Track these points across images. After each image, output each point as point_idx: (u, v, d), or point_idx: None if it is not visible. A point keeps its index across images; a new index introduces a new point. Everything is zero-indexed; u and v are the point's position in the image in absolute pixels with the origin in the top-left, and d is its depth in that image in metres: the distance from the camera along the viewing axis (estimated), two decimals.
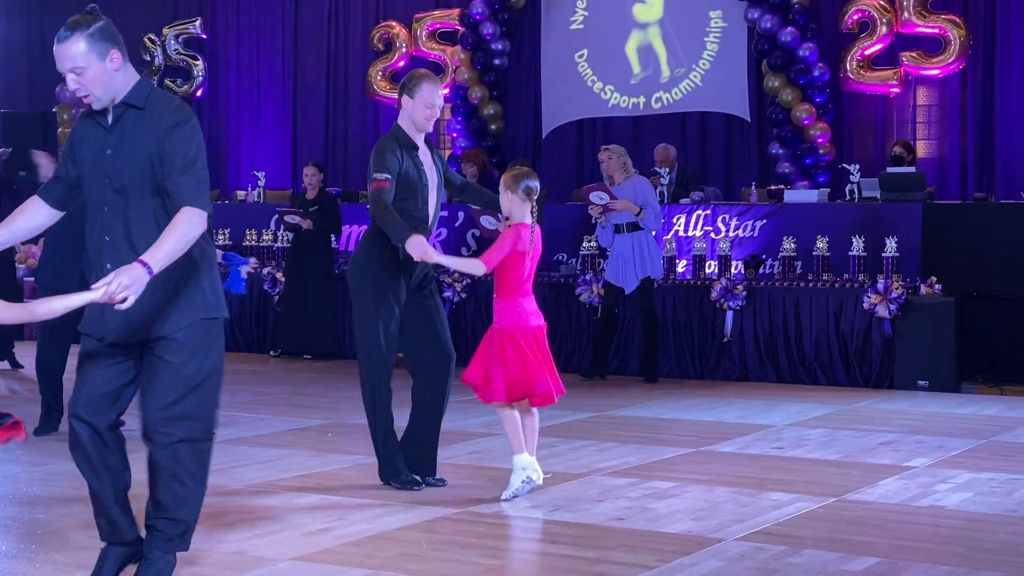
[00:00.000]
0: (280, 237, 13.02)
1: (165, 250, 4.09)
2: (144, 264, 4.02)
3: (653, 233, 10.48)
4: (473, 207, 7.80)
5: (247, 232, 12.94)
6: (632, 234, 10.33)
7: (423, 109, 6.22)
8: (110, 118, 4.34)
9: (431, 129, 6.37)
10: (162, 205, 4.27)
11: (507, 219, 6.16)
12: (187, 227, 4.15)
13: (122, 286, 3.94)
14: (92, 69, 4.20)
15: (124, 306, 3.98)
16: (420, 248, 5.79)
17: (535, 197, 6.06)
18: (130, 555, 4.51)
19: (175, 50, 17.05)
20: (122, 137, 4.31)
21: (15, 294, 11.46)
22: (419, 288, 6.39)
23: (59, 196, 4.47)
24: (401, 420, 6.37)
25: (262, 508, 5.90)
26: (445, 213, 12.06)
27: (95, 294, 3.95)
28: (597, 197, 10.25)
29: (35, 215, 4.46)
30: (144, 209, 4.29)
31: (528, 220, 6.07)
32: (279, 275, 12.47)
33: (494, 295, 6.20)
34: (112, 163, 4.31)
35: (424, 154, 6.34)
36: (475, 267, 6.13)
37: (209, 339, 4.37)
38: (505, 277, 6.11)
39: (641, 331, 10.75)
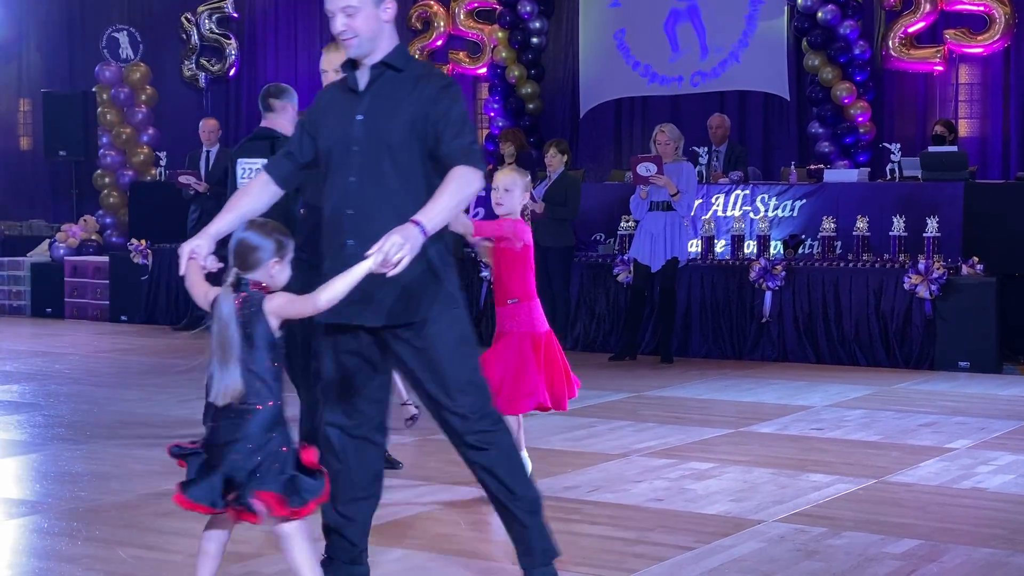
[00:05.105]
0: None
1: (439, 207, 3.72)
2: (417, 223, 3.64)
3: (685, 220, 10.49)
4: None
5: None
6: (666, 213, 10.35)
7: None
8: (364, 81, 4.01)
9: None
10: (432, 171, 3.92)
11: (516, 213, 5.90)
12: (461, 183, 3.80)
13: (396, 246, 3.55)
14: (364, 12, 3.92)
15: (396, 271, 3.58)
16: None
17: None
18: None
19: (209, 29, 17.08)
20: (378, 99, 3.98)
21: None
22: None
23: (286, 173, 4.10)
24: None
25: None
26: (482, 192, 12.00)
27: (369, 262, 3.55)
28: (644, 168, 10.28)
29: (262, 194, 4.09)
30: (409, 175, 3.94)
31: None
32: None
33: (511, 300, 5.67)
34: (365, 128, 3.97)
35: None
36: (466, 226, 5.51)
37: None
38: (526, 275, 5.69)
39: (658, 310, 10.71)
